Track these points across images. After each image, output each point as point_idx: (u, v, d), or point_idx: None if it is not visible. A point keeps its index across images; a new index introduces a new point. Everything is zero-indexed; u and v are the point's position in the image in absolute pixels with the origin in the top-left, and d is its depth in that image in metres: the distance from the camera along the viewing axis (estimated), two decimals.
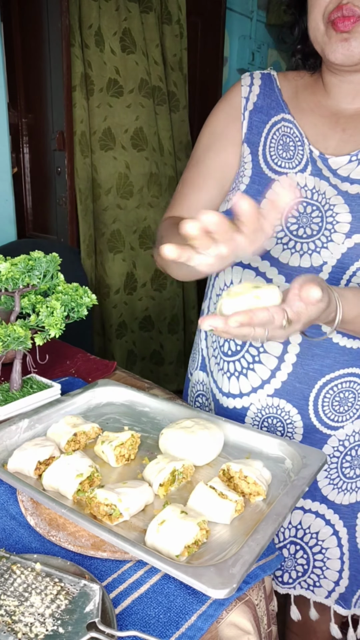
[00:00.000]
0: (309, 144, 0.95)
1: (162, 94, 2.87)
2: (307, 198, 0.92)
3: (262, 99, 1.00)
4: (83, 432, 0.86)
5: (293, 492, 0.72)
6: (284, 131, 0.97)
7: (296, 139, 0.96)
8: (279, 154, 0.96)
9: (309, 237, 0.91)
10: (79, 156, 2.61)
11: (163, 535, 0.64)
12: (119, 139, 2.76)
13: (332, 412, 0.96)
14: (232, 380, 1.03)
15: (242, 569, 0.59)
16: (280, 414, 0.98)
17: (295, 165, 0.94)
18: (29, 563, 0.61)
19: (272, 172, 0.96)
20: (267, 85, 1.01)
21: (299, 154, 0.95)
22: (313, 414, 0.96)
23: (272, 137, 0.98)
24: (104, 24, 2.60)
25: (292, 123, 0.97)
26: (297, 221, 0.92)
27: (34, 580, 0.59)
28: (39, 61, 2.61)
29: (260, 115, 0.99)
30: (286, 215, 0.92)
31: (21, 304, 0.99)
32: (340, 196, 0.90)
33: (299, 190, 0.64)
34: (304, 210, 0.92)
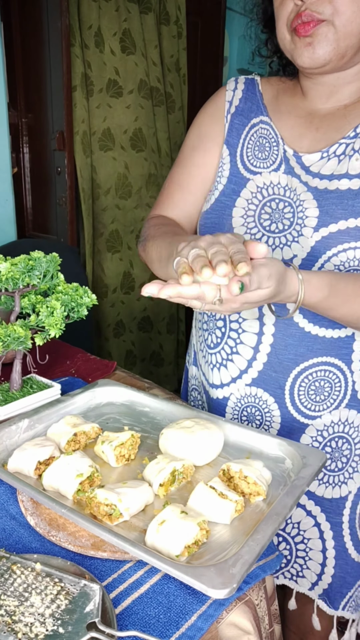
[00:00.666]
0: (283, 144, 0.99)
1: (160, 94, 2.88)
2: (280, 195, 0.97)
3: (244, 102, 1.06)
4: (83, 432, 0.86)
5: (293, 492, 0.72)
6: (261, 133, 1.02)
7: (272, 139, 1.00)
8: (255, 155, 1.01)
9: (281, 232, 0.95)
10: (81, 156, 2.61)
11: (163, 535, 0.64)
12: (118, 140, 2.76)
13: (308, 401, 0.98)
14: (215, 371, 1.07)
15: (242, 569, 0.59)
16: (258, 403, 1.01)
17: (270, 165, 0.99)
18: (29, 563, 0.61)
19: (247, 172, 1.01)
20: (250, 90, 1.07)
21: (274, 154, 0.99)
22: (290, 402, 0.99)
23: (249, 138, 1.03)
24: (104, 25, 2.60)
25: (269, 125, 1.02)
26: (270, 217, 0.96)
27: (34, 580, 0.59)
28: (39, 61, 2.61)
29: (240, 118, 1.05)
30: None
31: (21, 304, 0.99)
32: (309, 192, 0.94)
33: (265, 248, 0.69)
34: (276, 207, 0.96)
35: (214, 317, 1.06)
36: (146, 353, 3.14)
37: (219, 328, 1.05)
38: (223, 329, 1.04)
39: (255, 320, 0.98)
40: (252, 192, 0.99)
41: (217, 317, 1.05)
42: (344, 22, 0.86)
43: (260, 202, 0.98)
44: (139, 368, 3.12)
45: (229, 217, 1.00)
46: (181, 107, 3.03)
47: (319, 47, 0.88)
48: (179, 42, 2.93)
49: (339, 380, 0.96)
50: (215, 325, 1.06)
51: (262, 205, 0.98)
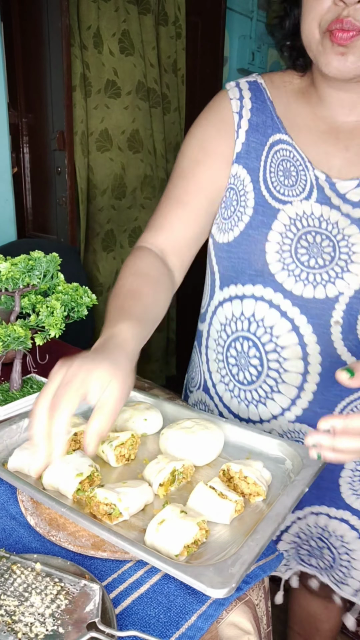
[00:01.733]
0: (312, 168, 0.89)
1: (156, 96, 2.88)
2: (315, 227, 0.88)
3: (257, 115, 0.94)
4: (84, 431, 0.86)
5: (293, 493, 0.72)
6: (283, 155, 0.92)
7: (297, 162, 0.91)
8: (280, 181, 0.91)
9: (322, 267, 0.87)
10: (79, 156, 2.62)
11: (162, 534, 0.64)
12: (115, 141, 2.76)
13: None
14: (251, 407, 1.00)
15: (242, 569, 0.59)
16: (303, 438, 0.96)
17: (300, 193, 0.89)
18: (29, 563, 0.61)
19: (275, 201, 0.90)
20: (258, 98, 0.95)
21: (302, 180, 0.90)
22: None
23: (271, 161, 0.92)
24: (103, 25, 2.60)
25: (291, 145, 0.91)
26: (307, 251, 0.88)
27: (34, 580, 0.59)
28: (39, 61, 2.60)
29: (257, 135, 0.93)
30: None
31: (21, 304, 0.99)
32: (354, 225, 0.86)
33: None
34: (313, 240, 0.88)
35: (246, 353, 0.98)
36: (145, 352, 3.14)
37: (253, 366, 0.98)
38: (260, 368, 0.97)
39: (300, 360, 0.92)
40: (285, 224, 0.89)
41: (250, 353, 0.97)
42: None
43: (296, 235, 0.89)
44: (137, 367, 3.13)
45: (262, 253, 0.90)
46: (177, 109, 3.02)
47: (353, 59, 0.79)
48: (177, 42, 2.93)
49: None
50: (248, 363, 0.98)
51: (297, 239, 0.89)
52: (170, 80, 2.96)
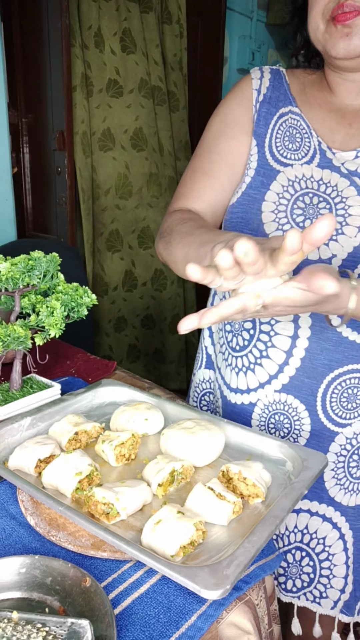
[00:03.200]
0: (317, 136, 0.96)
1: (162, 94, 2.88)
2: (314, 189, 0.92)
3: (271, 91, 1.01)
4: (84, 431, 0.86)
5: (292, 495, 0.72)
6: (290, 123, 0.98)
7: (303, 131, 0.97)
8: (285, 145, 0.97)
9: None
10: (80, 156, 2.62)
11: (159, 535, 0.64)
12: (118, 140, 2.76)
13: (340, 408, 0.94)
14: (240, 375, 1.01)
15: (237, 571, 0.58)
16: (287, 410, 0.97)
17: (302, 157, 0.95)
18: (4, 613, 0.55)
19: (277, 164, 0.96)
20: (276, 79, 1.02)
21: (306, 146, 0.95)
22: (321, 410, 0.95)
23: (278, 128, 0.98)
24: (104, 24, 2.60)
25: (300, 115, 0.98)
26: (303, 212, 0.91)
27: (13, 632, 0.53)
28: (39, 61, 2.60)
29: (268, 106, 1.00)
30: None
31: (21, 304, 0.99)
32: (353, 187, 0.90)
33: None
34: (310, 202, 0.92)
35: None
36: (149, 349, 3.14)
37: (246, 330, 0.99)
38: (252, 331, 0.98)
39: (290, 323, 0.93)
40: (283, 185, 0.94)
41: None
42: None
43: (293, 196, 0.93)
44: (143, 362, 3.13)
45: (258, 212, 0.94)
46: (185, 106, 3.03)
47: (356, 38, 0.86)
48: (180, 41, 2.94)
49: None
50: (242, 327, 1.00)
51: (294, 200, 0.93)
52: (177, 79, 2.96)
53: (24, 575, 0.62)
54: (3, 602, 0.60)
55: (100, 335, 2.95)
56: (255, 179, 0.96)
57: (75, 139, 2.59)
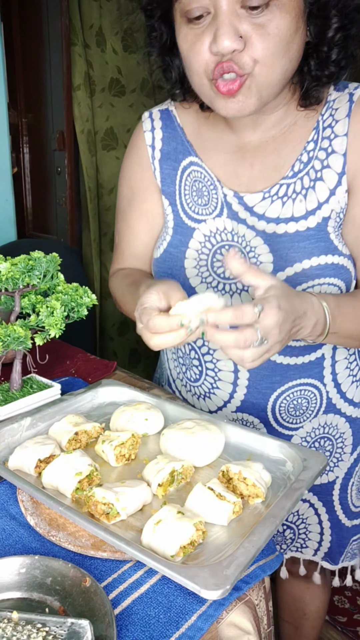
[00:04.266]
0: (221, 186, 0.96)
1: (163, 93, 2.88)
2: (228, 240, 0.96)
3: (167, 143, 1.01)
4: (84, 431, 0.86)
5: (291, 495, 0.72)
6: (195, 176, 0.99)
7: (208, 182, 0.97)
8: (194, 201, 0.99)
9: (233, 279, 0.95)
10: (86, 155, 2.61)
11: (159, 535, 0.64)
12: (121, 139, 2.76)
13: (289, 416, 1.04)
14: (201, 400, 1.11)
15: (237, 571, 0.59)
16: (246, 424, 1.06)
17: (212, 211, 0.97)
18: (4, 614, 0.55)
19: (191, 221, 0.99)
20: (169, 126, 1.01)
21: (214, 199, 0.96)
22: (273, 421, 1.05)
23: (185, 184, 1.00)
24: (105, 24, 2.60)
25: (201, 167, 0.98)
26: (222, 264, 0.96)
27: (13, 632, 0.53)
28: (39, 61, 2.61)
29: (169, 162, 1.01)
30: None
31: (21, 304, 0.99)
32: (259, 237, 0.93)
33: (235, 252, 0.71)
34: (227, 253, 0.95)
35: (188, 355, 1.08)
36: (150, 351, 3.14)
37: (195, 366, 1.08)
38: (200, 367, 1.07)
39: (230, 361, 1.02)
40: (200, 242, 0.98)
41: (191, 355, 1.07)
42: (265, 74, 0.79)
43: (211, 251, 0.97)
44: (143, 365, 3.13)
45: (182, 269, 1.00)
46: None
47: (244, 102, 0.81)
48: None
49: (314, 395, 1.03)
50: (191, 363, 1.09)
51: (212, 254, 0.97)
52: None
53: (24, 575, 0.62)
54: (3, 602, 0.60)
55: (105, 340, 2.94)
56: (174, 237, 1.01)
57: (80, 137, 2.59)
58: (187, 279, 0.99)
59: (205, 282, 0.98)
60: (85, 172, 2.62)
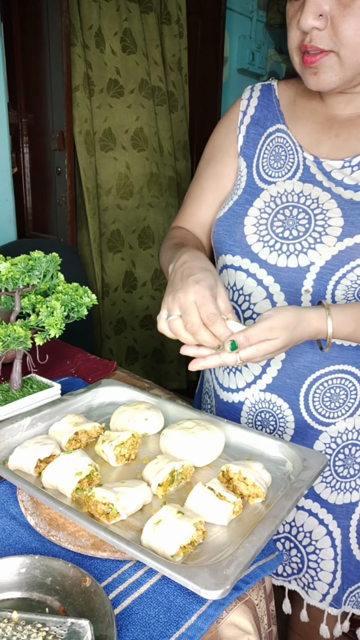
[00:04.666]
0: (302, 151, 0.99)
1: (161, 94, 2.88)
2: (294, 202, 0.96)
3: (260, 110, 1.06)
4: (84, 431, 0.86)
5: (291, 495, 0.72)
6: (277, 142, 1.02)
7: (288, 148, 1.00)
8: (270, 165, 1.01)
9: (295, 239, 0.94)
10: (84, 155, 2.61)
11: (159, 535, 0.64)
12: (119, 140, 2.76)
13: (323, 407, 0.97)
14: (230, 375, 1.06)
15: (237, 571, 0.59)
16: (272, 408, 1.00)
17: (285, 174, 0.99)
18: (4, 613, 0.55)
19: (262, 182, 1.01)
20: (266, 97, 1.07)
21: (290, 162, 0.99)
22: (304, 409, 0.98)
23: (265, 148, 1.03)
24: (105, 25, 2.60)
25: (286, 133, 1.02)
26: (283, 224, 0.96)
27: (13, 632, 0.53)
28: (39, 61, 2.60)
29: (256, 127, 1.05)
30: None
31: (21, 304, 0.99)
32: (334, 200, 0.93)
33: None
34: (290, 214, 0.96)
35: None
36: (148, 350, 3.14)
37: None
38: None
39: None
40: (265, 201, 0.99)
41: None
42: (350, 54, 0.85)
43: (274, 210, 0.98)
44: (141, 364, 3.12)
45: (241, 226, 1.00)
46: (184, 106, 3.03)
47: (323, 77, 0.88)
48: (180, 41, 2.94)
49: (354, 389, 0.96)
50: None
51: (275, 213, 0.97)
52: (176, 79, 2.96)
53: (24, 575, 0.62)
54: (3, 602, 0.60)
55: (102, 338, 2.94)
56: (241, 197, 1.02)
57: (78, 138, 2.59)
58: (244, 236, 0.99)
59: (262, 241, 0.97)
60: (83, 173, 2.62)
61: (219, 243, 1.03)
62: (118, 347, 3.00)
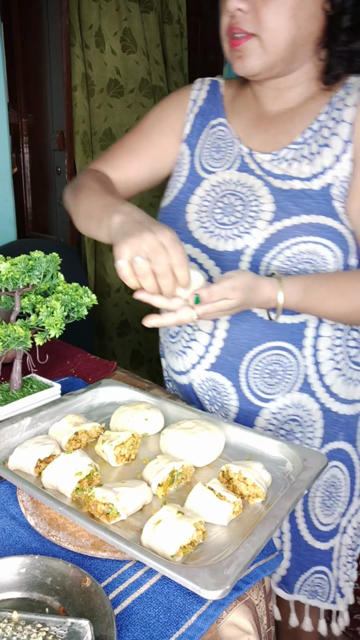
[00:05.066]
0: (240, 142, 1.05)
1: (162, 93, 2.88)
2: (232, 190, 1.03)
3: (207, 103, 1.12)
4: (84, 431, 0.86)
5: (291, 495, 0.72)
6: (218, 134, 1.09)
7: (228, 139, 1.07)
8: (211, 156, 1.08)
9: (233, 224, 1.00)
10: (81, 156, 2.61)
11: (159, 535, 0.64)
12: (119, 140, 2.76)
13: (263, 384, 1.02)
14: (178, 358, 1.11)
15: (237, 571, 0.58)
16: (217, 387, 1.05)
17: (223, 165, 1.06)
18: (4, 614, 0.55)
19: (203, 172, 1.07)
20: (212, 91, 1.13)
21: (229, 153, 1.06)
22: (245, 386, 1.03)
23: (207, 139, 1.09)
24: (105, 24, 2.60)
25: (226, 126, 1.09)
26: (222, 211, 1.02)
27: (13, 632, 0.53)
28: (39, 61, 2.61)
29: (201, 118, 1.11)
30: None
31: (21, 304, 0.99)
32: (267, 187, 0.99)
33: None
34: (229, 201, 1.02)
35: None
36: (153, 354, 3.13)
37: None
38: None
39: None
40: (206, 190, 1.05)
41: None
42: (270, 38, 0.90)
43: (214, 198, 1.04)
44: (147, 368, 3.11)
45: (184, 213, 1.06)
46: None
47: (247, 61, 0.94)
48: (181, 41, 2.94)
49: (291, 365, 1.01)
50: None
51: (215, 201, 1.03)
52: (178, 79, 2.96)
53: (24, 575, 0.62)
54: (3, 602, 0.60)
55: (104, 339, 2.93)
56: (185, 185, 1.08)
57: (75, 138, 2.59)
58: (186, 223, 1.05)
59: (203, 227, 1.03)
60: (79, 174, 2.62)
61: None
62: (122, 350, 2.99)
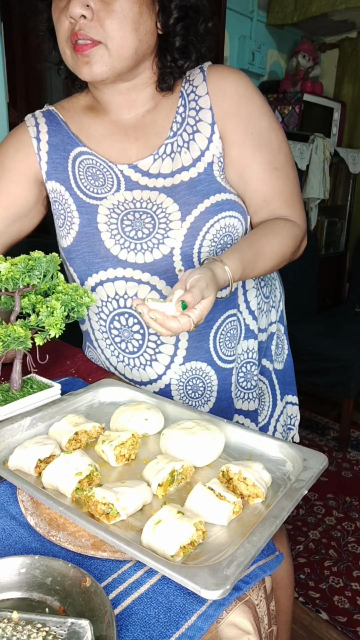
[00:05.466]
0: (115, 165, 1.07)
1: None
2: (132, 208, 1.06)
3: (54, 135, 1.10)
4: (84, 431, 0.86)
5: (292, 495, 0.72)
6: (87, 163, 1.08)
7: (101, 167, 1.08)
8: (91, 183, 1.08)
9: (149, 236, 1.04)
10: None
11: (159, 535, 0.64)
12: None
13: (227, 349, 1.15)
14: (147, 368, 1.15)
15: (237, 571, 0.58)
16: (195, 372, 1.14)
17: (110, 189, 1.07)
18: (4, 613, 0.55)
19: (92, 199, 1.08)
20: (53, 122, 1.11)
21: (109, 178, 1.07)
22: (217, 358, 1.14)
23: (78, 169, 1.09)
24: None
25: (91, 154, 1.08)
26: (133, 227, 1.06)
27: (13, 632, 0.53)
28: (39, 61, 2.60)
29: (58, 152, 1.10)
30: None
31: (21, 304, 0.99)
32: (162, 193, 1.04)
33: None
34: (133, 217, 1.06)
35: (130, 329, 1.13)
36: None
37: (136, 340, 1.13)
38: (142, 332, 1.13)
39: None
40: (106, 215, 1.07)
41: (133, 329, 1.13)
42: (116, 47, 0.93)
43: (118, 219, 1.06)
44: None
45: (101, 242, 1.07)
46: None
47: (95, 67, 0.95)
48: None
49: (238, 322, 1.16)
50: (131, 336, 1.14)
51: (120, 221, 1.06)
52: None
53: (24, 575, 0.62)
54: (3, 602, 0.60)
55: None
56: (82, 218, 1.08)
57: None
58: (107, 250, 1.07)
59: (124, 247, 1.06)
60: None
61: (85, 265, 1.09)
62: None
